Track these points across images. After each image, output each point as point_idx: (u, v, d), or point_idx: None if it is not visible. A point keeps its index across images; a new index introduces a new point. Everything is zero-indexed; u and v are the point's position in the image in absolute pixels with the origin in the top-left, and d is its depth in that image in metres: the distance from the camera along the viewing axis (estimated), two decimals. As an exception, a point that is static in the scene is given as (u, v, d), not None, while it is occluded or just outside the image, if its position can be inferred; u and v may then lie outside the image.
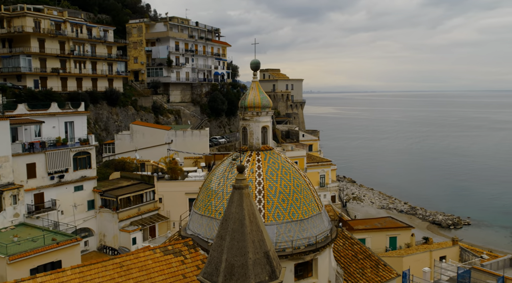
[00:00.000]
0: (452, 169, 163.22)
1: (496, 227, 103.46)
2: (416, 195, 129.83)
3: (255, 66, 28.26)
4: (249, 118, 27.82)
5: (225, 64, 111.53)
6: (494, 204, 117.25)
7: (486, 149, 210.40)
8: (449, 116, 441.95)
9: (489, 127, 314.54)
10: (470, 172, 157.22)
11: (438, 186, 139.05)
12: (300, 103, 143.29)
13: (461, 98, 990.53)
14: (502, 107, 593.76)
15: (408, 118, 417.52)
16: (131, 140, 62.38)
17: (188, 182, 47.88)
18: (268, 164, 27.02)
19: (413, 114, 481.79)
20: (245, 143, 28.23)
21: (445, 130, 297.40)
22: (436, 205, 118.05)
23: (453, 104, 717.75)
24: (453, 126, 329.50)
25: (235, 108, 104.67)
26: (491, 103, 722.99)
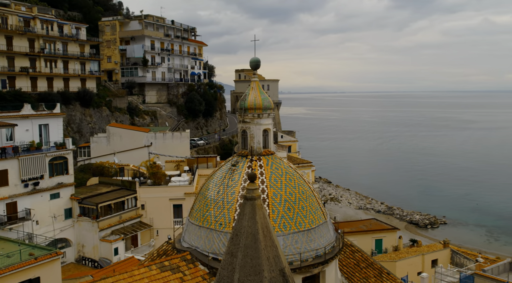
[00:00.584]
0: (423, 168, 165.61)
1: (471, 225, 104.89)
2: (391, 195, 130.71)
3: (255, 64, 26.32)
4: (250, 121, 25.86)
5: (201, 64, 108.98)
6: (467, 203, 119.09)
7: (453, 148, 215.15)
8: (416, 116, 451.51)
9: (454, 127, 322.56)
10: (441, 171, 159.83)
11: (411, 185, 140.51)
12: (276, 103, 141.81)
13: (426, 99, 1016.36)
14: (466, 107, 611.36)
15: (378, 118, 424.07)
16: (108, 143, 59.28)
17: (172, 187, 45.47)
18: (271, 170, 25.14)
19: (382, 114, 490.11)
20: (245, 147, 26.26)
21: (413, 130, 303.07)
22: (412, 205, 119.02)
23: (419, 104, 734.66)
24: (420, 126, 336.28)
25: (212, 109, 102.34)
26: (455, 104, 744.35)
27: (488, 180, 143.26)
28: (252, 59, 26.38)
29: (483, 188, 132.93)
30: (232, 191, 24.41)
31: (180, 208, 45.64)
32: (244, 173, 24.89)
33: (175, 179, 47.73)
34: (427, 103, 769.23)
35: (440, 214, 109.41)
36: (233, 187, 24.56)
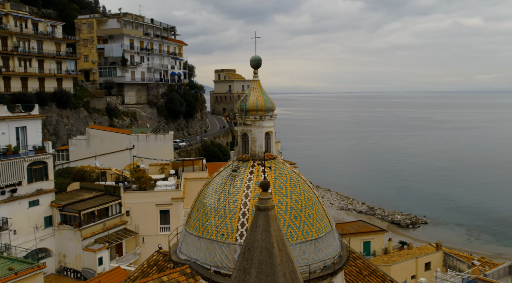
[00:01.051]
0: (400, 168, 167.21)
1: (451, 225, 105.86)
2: (371, 195, 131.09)
3: (256, 63, 24.75)
4: (251, 123, 24.30)
5: (181, 64, 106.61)
6: (446, 202, 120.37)
7: (428, 148, 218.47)
8: (390, 116, 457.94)
9: (427, 127, 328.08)
10: (418, 171, 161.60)
11: (390, 185, 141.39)
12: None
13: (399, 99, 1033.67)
14: (437, 108, 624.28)
15: (353, 119, 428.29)
16: (87, 146, 56.66)
17: (159, 192, 43.45)
18: (275, 175, 23.63)
19: (356, 114, 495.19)
20: (246, 151, 24.69)
21: (387, 130, 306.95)
22: (392, 205, 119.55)
23: (392, 104, 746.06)
24: (394, 126, 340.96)
25: (193, 109, 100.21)
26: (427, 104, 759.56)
27: (464, 179, 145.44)
28: (253, 58, 24.82)
29: (460, 188, 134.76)
30: (234, 199, 22.82)
31: (167, 214, 43.69)
32: (247, 180, 23.33)
33: (161, 183, 45.71)
34: (400, 104, 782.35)
35: (421, 214, 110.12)
36: (234, 194, 22.97)
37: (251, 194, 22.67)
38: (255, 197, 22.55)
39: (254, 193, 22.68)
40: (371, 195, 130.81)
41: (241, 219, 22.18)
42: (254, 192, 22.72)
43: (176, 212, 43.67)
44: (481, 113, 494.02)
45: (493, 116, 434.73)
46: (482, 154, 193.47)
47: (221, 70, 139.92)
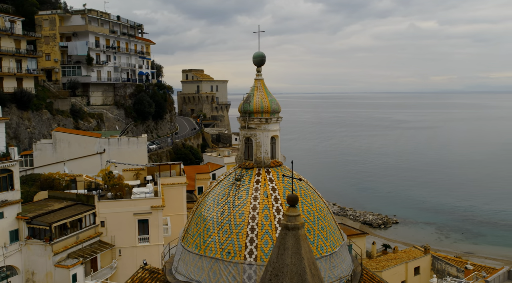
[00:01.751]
0: (365, 168, 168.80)
1: (421, 224, 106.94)
2: (340, 195, 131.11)
3: (260, 60, 22.38)
4: (256, 127, 21.93)
5: (149, 63, 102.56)
6: (414, 202, 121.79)
7: (390, 148, 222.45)
8: (351, 116, 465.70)
9: (388, 127, 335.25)
10: (384, 171, 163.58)
11: (357, 185, 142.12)
12: (225, 105, 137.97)
13: (359, 100, 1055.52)
14: (396, 108, 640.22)
15: (315, 119, 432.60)
16: (54, 151, 52.45)
17: (136, 200, 40.28)
18: (284, 184, 21.35)
19: (319, 115, 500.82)
20: (249, 157, 22.28)
21: (349, 130, 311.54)
22: (363, 205, 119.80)
23: (353, 105, 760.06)
24: (355, 126, 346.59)
25: (162, 111, 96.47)
26: (386, 104, 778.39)
27: (428, 178, 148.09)
28: (256, 54, 22.43)
29: (425, 187, 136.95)
30: (240, 211, 20.38)
31: (146, 223, 40.62)
32: (253, 190, 20.90)
33: (137, 190, 42.51)
34: (361, 104, 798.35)
35: (391, 214, 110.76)
36: (240, 206, 20.53)
37: (259, 206, 20.31)
38: (264, 209, 20.22)
39: (262, 205, 20.34)
40: (340, 196, 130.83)
41: (250, 235, 19.77)
42: (262, 204, 20.38)
43: (156, 221, 40.66)
44: (437, 113, 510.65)
45: (448, 115, 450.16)
46: (442, 153, 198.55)
47: (188, 70, 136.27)
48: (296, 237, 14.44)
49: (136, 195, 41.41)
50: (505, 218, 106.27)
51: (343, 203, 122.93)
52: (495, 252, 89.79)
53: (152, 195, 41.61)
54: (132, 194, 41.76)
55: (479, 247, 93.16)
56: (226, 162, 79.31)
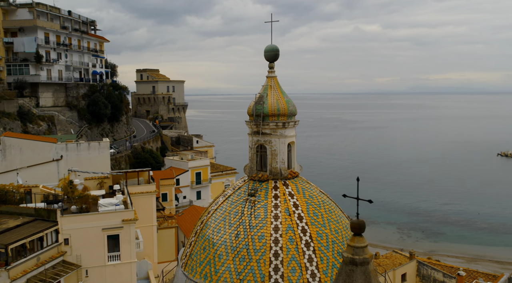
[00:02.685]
0: (322, 169, 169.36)
1: (382, 223, 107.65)
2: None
3: (274, 54, 19.23)
4: (271, 132, 18.77)
5: (103, 62, 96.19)
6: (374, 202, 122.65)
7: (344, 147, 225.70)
8: (304, 117, 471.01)
9: (342, 127, 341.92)
10: (339, 170, 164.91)
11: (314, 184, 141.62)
12: (183, 106, 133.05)
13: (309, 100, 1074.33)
14: (345, 108, 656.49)
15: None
16: (3, 158, 46.52)
17: (105, 213, 35.80)
18: (306, 199, 18.34)
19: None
20: (263, 168, 19.08)
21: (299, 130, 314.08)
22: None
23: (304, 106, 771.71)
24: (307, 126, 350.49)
25: (118, 112, 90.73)
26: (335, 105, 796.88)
27: (383, 177, 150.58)
28: (268, 47, 19.24)
29: (381, 186, 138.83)
30: (259, 234, 17.15)
31: (117, 239, 36.21)
32: (272, 207, 17.69)
33: (105, 202, 37.94)
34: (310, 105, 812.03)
35: (352, 215, 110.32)
36: (259, 228, 17.30)
37: (281, 226, 17.17)
38: (288, 230, 17.10)
39: (285, 225, 17.21)
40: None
41: (274, 262, 16.58)
42: (285, 224, 17.25)
43: (128, 236, 36.36)
44: (382, 113, 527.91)
45: (393, 115, 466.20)
46: (391, 153, 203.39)
47: (143, 70, 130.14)
48: (366, 273, 11.48)
49: (104, 207, 36.88)
50: (462, 216, 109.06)
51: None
52: (456, 249, 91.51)
53: (122, 207, 37.25)
54: (98, 207, 37.19)
55: (441, 245, 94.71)
56: (190, 166, 75.33)
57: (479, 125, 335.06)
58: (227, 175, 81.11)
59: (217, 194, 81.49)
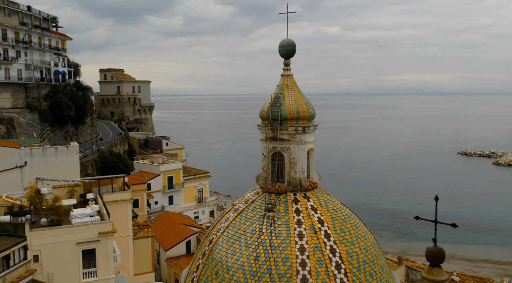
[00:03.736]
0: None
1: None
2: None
3: (291, 50, 17.03)
4: (289, 138, 16.58)
5: (65, 61, 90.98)
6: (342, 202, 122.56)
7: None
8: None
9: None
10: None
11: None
12: (149, 107, 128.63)
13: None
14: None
15: (235, 121, 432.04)
16: (-42, 166, 42.07)
17: (80, 226, 32.52)
18: (330, 214, 16.25)
19: (238, 116, 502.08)
20: (280, 178, 16.85)
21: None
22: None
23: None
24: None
25: (83, 114, 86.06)
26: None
27: (350, 177, 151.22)
28: (284, 42, 16.99)
29: (351, 186, 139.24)
30: (283, 255, 14.89)
31: (93, 254, 33.02)
32: (294, 223, 15.45)
33: (78, 213, 34.59)
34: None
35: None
36: (282, 248, 15.05)
37: (308, 246, 14.97)
38: (315, 250, 14.92)
39: (311, 245, 15.03)
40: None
41: (302, 288, 14.35)
42: (311, 243, 15.06)
43: (105, 250, 33.21)
44: (344, 113, 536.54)
45: (354, 116, 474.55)
46: (357, 153, 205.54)
47: (107, 70, 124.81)
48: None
49: (77, 219, 33.54)
50: (430, 214, 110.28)
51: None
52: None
53: (98, 218, 34.05)
54: (71, 218, 33.81)
55: (413, 245, 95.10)
56: (162, 170, 72.01)
57: (436, 124, 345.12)
58: (200, 178, 78.24)
59: (190, 198, 78.58)
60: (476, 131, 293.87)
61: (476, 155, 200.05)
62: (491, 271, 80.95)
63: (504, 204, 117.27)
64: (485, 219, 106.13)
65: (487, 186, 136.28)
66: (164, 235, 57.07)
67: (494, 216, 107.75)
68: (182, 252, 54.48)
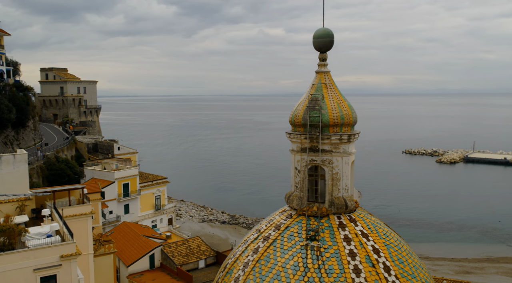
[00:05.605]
0: (245, 171, 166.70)
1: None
2: (226, 202, 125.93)
3: (329, 41, 14.03)
4: (331, 149, 13.59)
5: (3, 59, 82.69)
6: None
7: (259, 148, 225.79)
8: (217, 118, 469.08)
9: (253, 128, 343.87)
10: (264, 173, 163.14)
11: (241, 190, 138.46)
12: (96, 109, 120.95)
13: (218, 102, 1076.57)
14: (255, 110, 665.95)
15: (181, 122, 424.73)
16: None
17: (38, 250, 27.73)
18: (383, 240, 13.43)
19: (183, 118, 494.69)
20: (319, 198, 13.83)
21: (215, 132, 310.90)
22: (251, 211, 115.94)
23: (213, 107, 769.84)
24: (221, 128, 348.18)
25: (25, 117, 78.54)
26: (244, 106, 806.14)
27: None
28: (321, 32, 13.98)
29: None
30: (340, 299, 11.84)
31: (54, 280, 28.32)
32: (347, 255, 12.49)
33: (33, 232, 29.67)
34: (220, 106, 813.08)
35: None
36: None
37: (367, 284, 12.05)
38: (376, 288, 12.04)
39: (372, 281, 12.13)
40: (226, 202, 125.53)
41: None
42: (371, 279, 12.17)
43: (68, 276, 28.59)
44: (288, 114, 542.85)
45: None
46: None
47: (49, 69, 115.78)
48: None
49: (33, 240, 28.68)
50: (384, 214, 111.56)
51: (232, 210, 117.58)
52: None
53: (59, 238, 29.35)
54: (25, 240, 28.89)
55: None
56: (117, 177, 66.79)
57: (377, 124, 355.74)
58: (157, 185, 73.55)
59: (147, 206, 73.54)
60: (416, 130, 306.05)
61: (420, 153, 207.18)
62: (449, 268, 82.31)
63: (452, 201, 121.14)
64: (435, 216, 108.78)
65: (435, 184, 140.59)
66: (123, 248, 52.27)
67: (443, 213, 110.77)
68: (145, 267, 50.04)
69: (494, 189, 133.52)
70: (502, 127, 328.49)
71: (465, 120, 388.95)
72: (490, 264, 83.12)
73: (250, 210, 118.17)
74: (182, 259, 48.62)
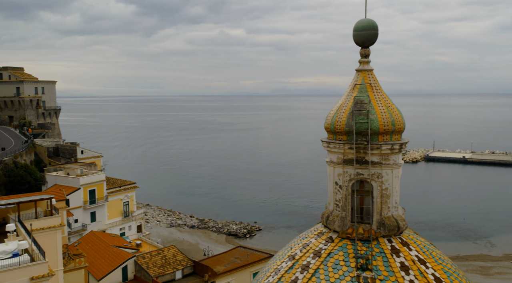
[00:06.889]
0: (209, 173, 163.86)
1: (283, 228, 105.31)
2: (194, 205, 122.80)
3: (373, 34, 12.06)
4: (381, 160, 11.62)
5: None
6: (269, 205, 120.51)
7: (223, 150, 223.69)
8: (179, 119, 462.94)
9: (216, 129, 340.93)
10: (228, 175, 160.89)
11: (208, 193, 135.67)
12: (55, 110, 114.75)
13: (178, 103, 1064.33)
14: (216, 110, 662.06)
15: (141, 123, 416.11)
16: None
17: (5, 272, 24.42)
18: (442, 266, 11.59)
19: (143, 119, 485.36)
20: (364, 219, 11.84)
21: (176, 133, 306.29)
22: (220, 215, 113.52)
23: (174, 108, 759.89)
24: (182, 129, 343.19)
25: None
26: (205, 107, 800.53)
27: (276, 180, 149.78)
28: (364, 24, 11.97)
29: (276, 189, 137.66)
30: None
31: (23, 306, 25.07)
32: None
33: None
34: (181, 107, 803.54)
35: (251, 221, 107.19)
36: None
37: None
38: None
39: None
40: (194, 206, 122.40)
41: None
42: (439, 317, 10.23)
43: (41, 301, 25.44)
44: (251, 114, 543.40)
45: (262, 117, 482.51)
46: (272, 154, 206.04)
47: (4, 68, 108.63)
48: None
49: (-2, 261, 25.32)
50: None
51: (201, 214, 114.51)
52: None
53: (28, 258, 26.06)
54: (-10, 260, 25.45)
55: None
56: (82, 183, 62.71)
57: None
58: (126, 190, 69.83)
59: (114, 213, 69.66)
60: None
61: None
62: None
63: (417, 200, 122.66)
64: (407, 216, 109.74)
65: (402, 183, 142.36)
66: (93, 261, 48.65)
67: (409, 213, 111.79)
68: (118, 280, 46.65)
69: (456, 188, 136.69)
70: (458, 126, 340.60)
71: (422, 120, 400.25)
72: (460, 262, 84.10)
73: (219, 214, 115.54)
74: (158, 271, 45.65)
